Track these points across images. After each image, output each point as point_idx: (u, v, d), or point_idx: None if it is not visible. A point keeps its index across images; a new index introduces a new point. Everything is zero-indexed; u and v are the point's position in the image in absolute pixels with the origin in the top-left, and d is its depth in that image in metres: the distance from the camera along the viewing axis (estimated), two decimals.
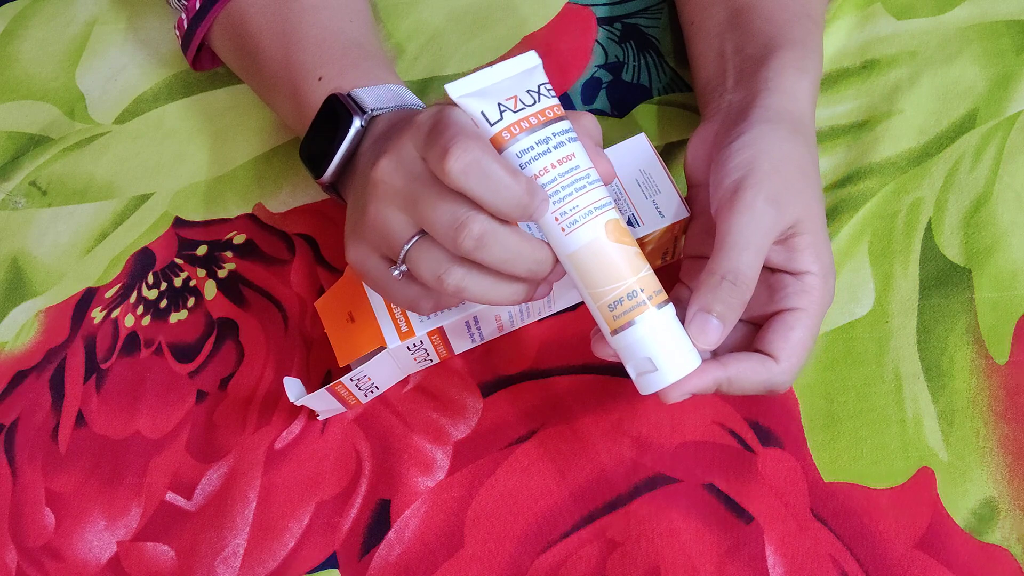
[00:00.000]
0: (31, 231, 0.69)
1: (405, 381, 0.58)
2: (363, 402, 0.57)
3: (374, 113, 0.52)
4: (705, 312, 0.45)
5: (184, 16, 0.63)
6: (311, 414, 0.57)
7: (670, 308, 0.44)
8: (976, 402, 0.52)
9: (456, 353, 0.58)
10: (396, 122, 0.51)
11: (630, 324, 0.43)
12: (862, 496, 0.51)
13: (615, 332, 0.44)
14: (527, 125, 0.43)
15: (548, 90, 0.44)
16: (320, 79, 0.56)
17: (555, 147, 0.43)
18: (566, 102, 0.66)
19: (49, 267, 0.67)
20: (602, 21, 0.69)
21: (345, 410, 0.57)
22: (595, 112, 0.65)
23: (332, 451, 0.56)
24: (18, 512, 0.58)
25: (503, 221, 0.42)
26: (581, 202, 0.43)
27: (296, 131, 0.60)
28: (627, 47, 0.67)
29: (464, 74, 0.68)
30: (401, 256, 0.45)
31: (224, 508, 0.56)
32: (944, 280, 0.55)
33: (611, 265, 0.43)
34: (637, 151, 0.55)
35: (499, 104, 0.43)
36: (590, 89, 0.66)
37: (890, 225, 0.57)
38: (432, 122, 0.43)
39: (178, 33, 0.65)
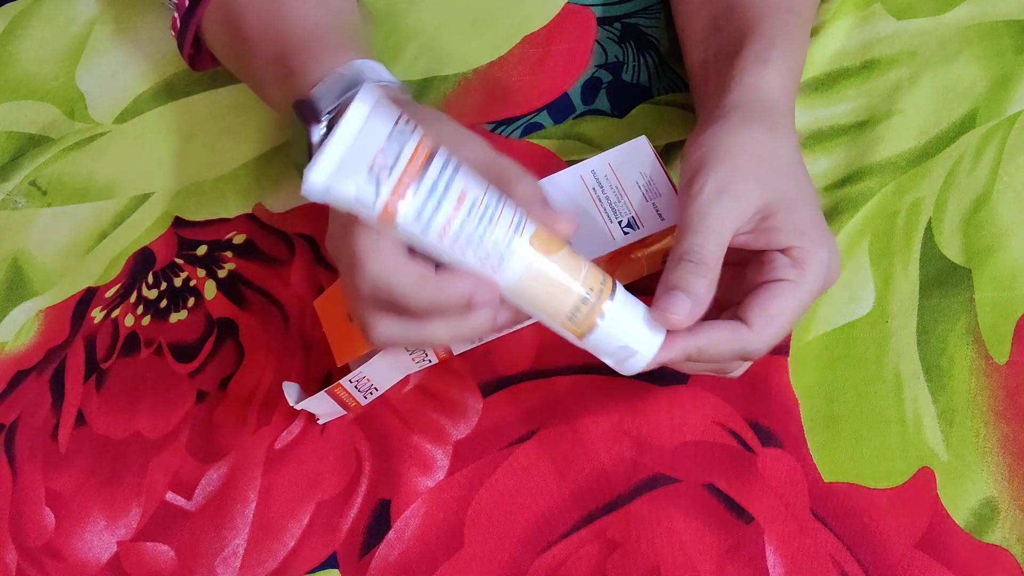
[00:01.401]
0: (31, 231, 0.69)
1: (405, 381, 0.58)
2: (363, 404, 0.57)
3: (330, 112, 0.51)
4: (671, 290, 0.45)
5: (176, 15, 0.63)
6: (312, 416, 0.57)
7: (619, 290, 0.44)
8: (976, 402, 0.52)
9: (455, 354, 0.58)
10: None
11: (594, 325, 0.43)
12: (862, 496, 0.51)
13: (582, 337, 0.44)
14: (408, 181, 0.39)
15: (402, 126, 0.40)
16: (292, 75, 0.55)
17: (444, 190, 0.40)
18: (566, 102, 0.66)
19: (49, 267, 0.67)
20: (602, 21, 0.69)
21: (345, 413, 0.57)
22: (595, 112, 0.65)
23: (332, 451, 0.56)
24: (18, 512, 0.58)
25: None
26: (498, 234, 0.41)
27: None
28: (627, 47, 0.67)
29: (462, 76, 0.68)
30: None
31: (224, 508, 0.56)
32: (944, 280, 0.55)
33: (554, 281, 0.42)
34: (638, 153, 0.55)
35: (368, 172, 0.39)
36: (590, 89, 0.66)
37: (890, 225, 0.57)
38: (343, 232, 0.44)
39: (173, 33, 0.65)
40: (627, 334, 0.44)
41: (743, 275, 0.49)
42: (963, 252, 0.56)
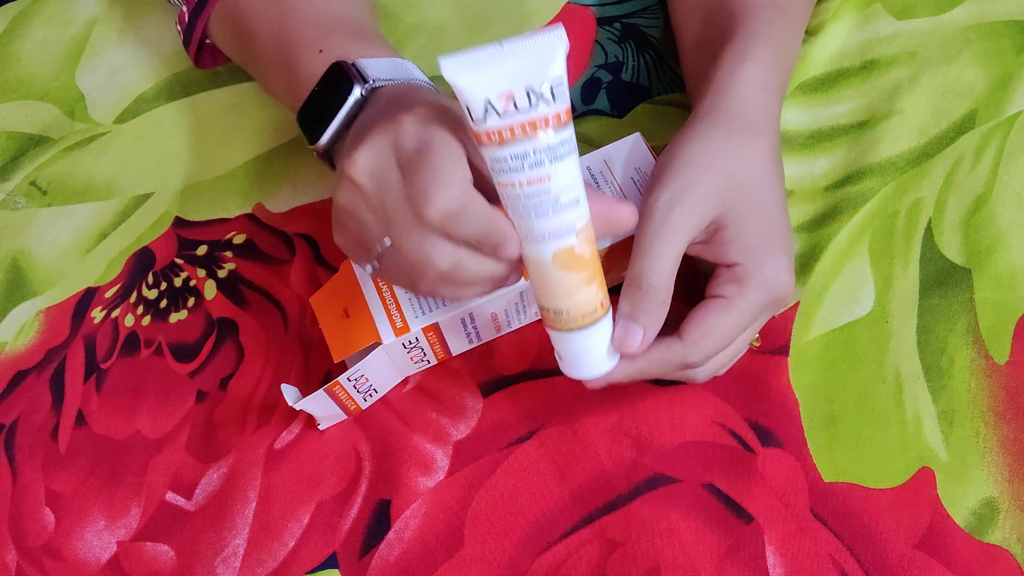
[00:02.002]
0: (31, 231, 0.69)
1: (405, 381, 0.58)
2: (363, 407, 0.57)
3: (376, 84, 0.51)
4: (627, 319, 0.47)
5: (184, 10, 0.63)
6: (312, 416, 0.57)
7: (601, 324, 0.46)
8: (976, 402, 0.52)
9: (454, 354, 0.58)
10: (391, 101, 0.49)
11: (564, 331, 0.46)
12: (862, 496, 0.51)
13: (549, 329, 0.47)
14: (508, 136, 0.40)
15: (554, 89, 0.40)
16: (321, 51, 0.55)
17: (531, 166, 0.41)
18: None
19: (49, 267, 0.67)
20: (601, 21, 0.69)
21: (346, 417, 0.57)
22: (595, 112, 0.65)
23: (332, 451, 0.56)
24: (18, 512, 0.58)
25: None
26: (537, 226, 0.42)
27: (294, 108, 0.59)
28: (627, 47, 0.67)
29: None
30: (374, 258, 0.46)
31: (224, 508, 0.56)
32: (944, 280, 0.55)
33: (547, 286, 0.45)
34: (633, 149, 0.55)
35: (488, 101, 0.40)
36: (590, 89, 0.66)
37: (890, 225, 0.57)
38: (417, 144, 0.43)
39: (180, 28, 0.64)
40: (574, 354, 0.47)
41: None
42: (963, 252, 0.56)
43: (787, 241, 0.49)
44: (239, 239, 0.65)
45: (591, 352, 0.47)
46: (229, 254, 0.65)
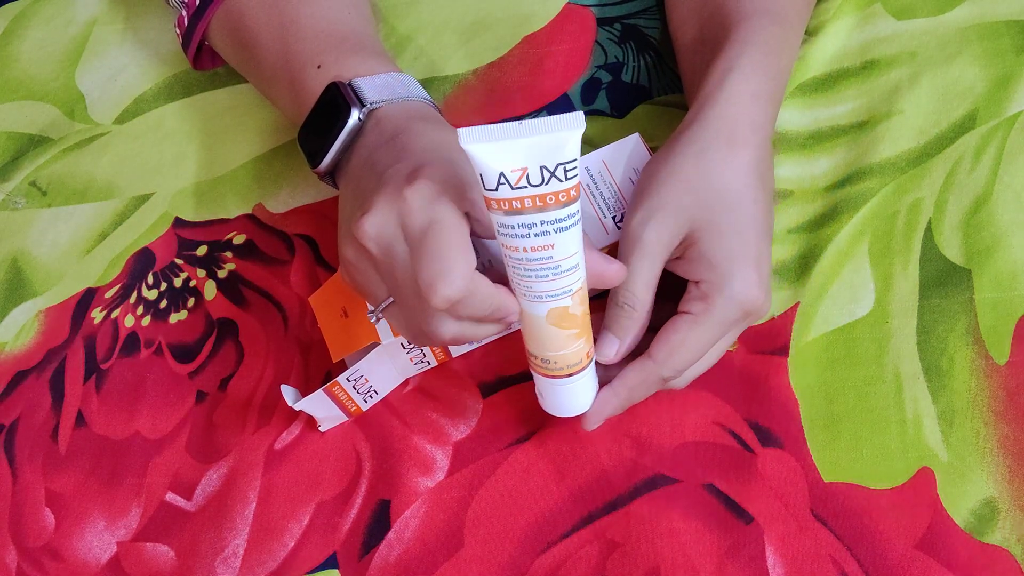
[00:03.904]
0: (31, 231, 0.69)
1: (405, 382, 0.58)
2: (363, 408, 0.57)
3: (373, 106, 0.52)
4: (605, 330, 0.50)
5: (184, 13, 0.63)
6: (312, 416, 0.57)
7: (584, 375, 0.48)
8: (976, 402, 0.52)
9: (453, 356, 0.58)
10: (392, 139, 0.51)
11: (537, 376, 0.49)
12: (862, 496, 0.51)
13: (531, 370, 0.49)
14: (518, 207, 0.41)
15: (568, 170, 0.41)
16: (319, 67, 0.56)
17: (536, 235, 0.42)
18: (566, 103, 0.66)
19: (49, 267, 0.67)
20: (602, 22, 0.69)
21: (347, 419, 0.57)
22: (595, 112, 0.65)
23: (332, 451, 0.56)
24: (18, 512, 0.58)
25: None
26: (535, 287, 0.44)
27: (296, 123, 0.60)
28: (627, 47, 0.67)
29: (462, 76, 0.68)
30: (378, 311, 0.48)
31: (224, 508, 0.56)
32: (944, 280, 0.55)
33: (538, 338, 0.46)
34: (631, 150, 0.55)
35: (501, 174, 0.41)
36: (590, 89, 0.66)
37: (890, 225, 0.57)
38: (422, 225, 0.44)
39: (178, 31, 0.64)
40: (570, 397, 0.49)
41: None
42: (963, 252, 0.56)
43: (760, 255, 0.49)
44: (239, 239, 0.65)
45: (574, 397, 0.49)
46: (229, 254, 0.65)
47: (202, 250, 0.65)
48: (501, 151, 0.40)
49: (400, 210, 0.44)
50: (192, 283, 0.64)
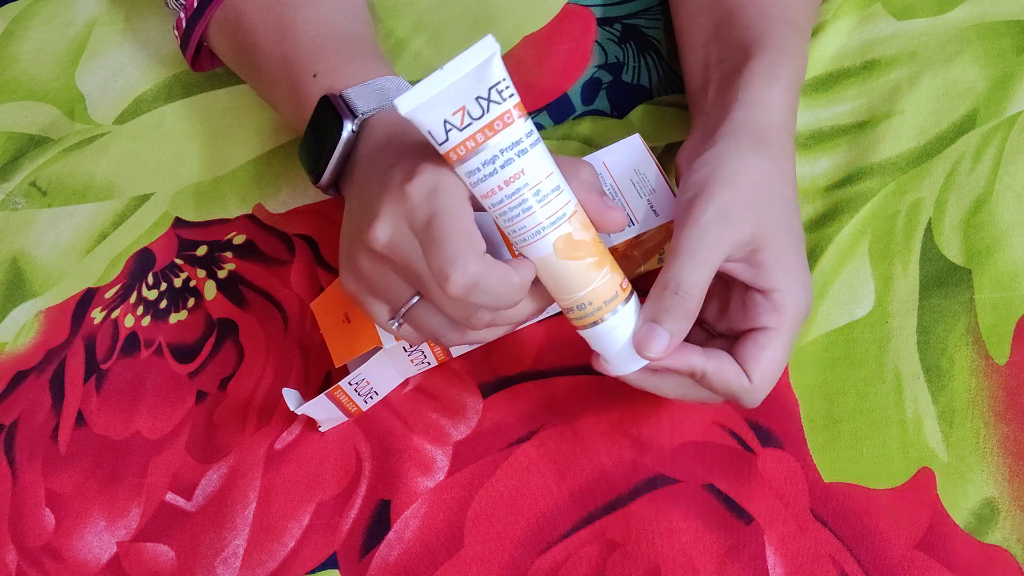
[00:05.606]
0: (31, 231, 0.69)
1: (405, 382, 0.58)
2: (364, 409, 0.57)
3: (365, 115, 0.52)
4: (651, 322, 0.46)
5: (182, 15, 0.63)
6: (313, 421, 0.57)
7: (628, 307, 0.46)
8: (976, 403, 0.52)
9: (454, 356, 0.58)
10: (386, 145, 0.51)
11: (585, 327, 0.47)
12: (862, 496, 0.51)
13: (577, 329, 0.47)
14: (472, 145, 0.42)
15: (501, 91, 0.42)
16: (315, 76, 0.56)
17: (502, 166, 0.42)
18: (566, 103, 0.66)
19: (49, 267, 0.67)
20: (602, 22, 0.69)
21: (347, 419, 0.57)
22: (595, 113, 0.65)
23: (332, 451, 0.56)
24: (18, 512, 0.58)
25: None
26: (528, 223, 0.44)
27: (296, 128, 0.60)
28: (627, 48, 0.67)
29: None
30: (400, 314, 0.48)
31: (224, 508, 0.56)
32: (944, 280, 0.55)
33: (561, 280, 0.45)
34: (631, 151, 0.55)
35: (445, 121, 0.42)
36: (590, 89, 0.66)
37: (890, 225, 0.57)
38: (426, 218, 0.44)
39: (176, 33, 0.65)
40: (612, 346, 0.47)
41: (726, 293, 0.50)
42: (963, 252, 0.56)
43: (807, 266, 0.50)
44: (239, 240, 0.65)
45: (628, 337, 0.47)
46: (229, 255, 0.65)
47: (202, 250, 0.65)
48: (436, 102, 0.42)
49: (404, 208, 0.45)
50: (192, 283, 0.64)
